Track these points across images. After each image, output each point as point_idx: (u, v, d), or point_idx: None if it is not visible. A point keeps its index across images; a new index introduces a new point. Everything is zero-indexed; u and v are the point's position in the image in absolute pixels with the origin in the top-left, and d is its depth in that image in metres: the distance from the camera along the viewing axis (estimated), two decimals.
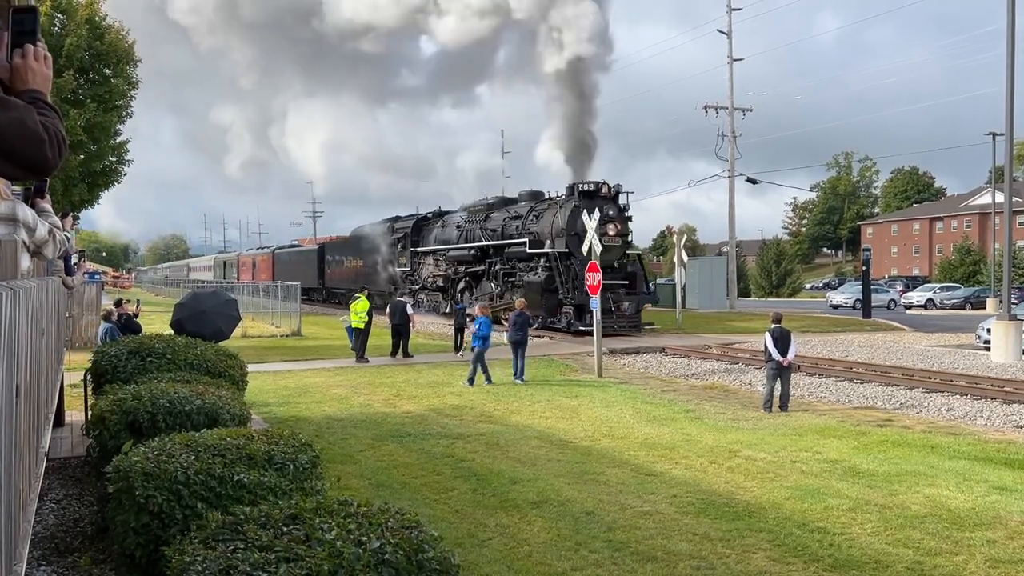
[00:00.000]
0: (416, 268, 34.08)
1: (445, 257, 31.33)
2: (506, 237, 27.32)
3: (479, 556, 6.07)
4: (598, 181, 24.43)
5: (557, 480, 8.19)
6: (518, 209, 27.64)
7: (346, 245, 41.89)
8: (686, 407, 12.56)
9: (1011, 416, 11.50)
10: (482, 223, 29.04)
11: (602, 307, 18.58)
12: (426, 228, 34.00)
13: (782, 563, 5.87)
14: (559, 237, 24.07)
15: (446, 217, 33.11)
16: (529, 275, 25.00)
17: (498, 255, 27.75)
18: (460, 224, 30.76)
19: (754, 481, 8.15)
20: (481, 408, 12.52)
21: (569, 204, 24.26)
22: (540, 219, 25.66)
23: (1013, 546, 6.18)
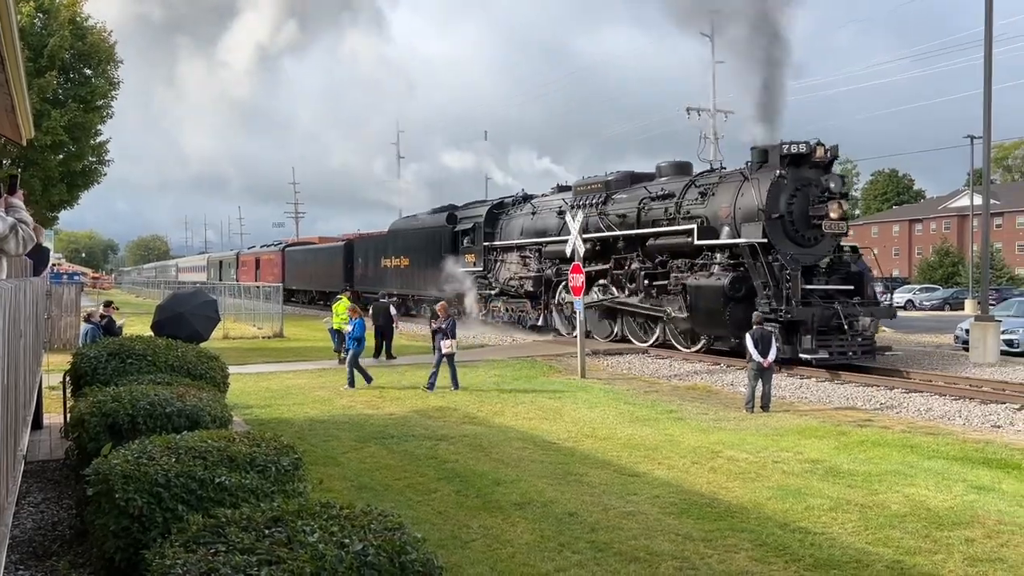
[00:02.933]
0: (491, 268, 27.00)
1: (539, 253, 24.42)
2: (645, 224, 20.38)
3: (462, 558, 6.06)
4: (808, 141, 17.08)
5: (540, 481, 8.20)
6: (665, 185, 20.46)
7: (383, 241, 35.08)
8: (669, 408, 12.61)
9: (989, 416, 11.63)
10: (601, 206, 21.98)
11: (827, 324, 15.72)
12: (504, 217, 26.83)
13: (764, 563, 5.90)
14: (751, 222, 17.09)
15: (536, 202, 25.91)
16: (700, 277, 17.62)
17: (630, 249, 20.86)
18: (562, 210, 23.34)
19: (736, 481, 8.19)
20: (464, 410, 12.51)
21: (767, 175, 17.15)
22: (713, 197, 18.43)
23: (991, 545, 6.25)
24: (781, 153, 17.10)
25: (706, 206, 18.64)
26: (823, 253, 17.41)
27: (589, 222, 21.33)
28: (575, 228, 17.45)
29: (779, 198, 16.92)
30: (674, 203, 19.60)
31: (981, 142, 19.62)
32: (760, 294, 16.13)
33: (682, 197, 19.49)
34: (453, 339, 14.53)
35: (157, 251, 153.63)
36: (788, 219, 16.81)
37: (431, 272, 29.22)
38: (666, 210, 19.82)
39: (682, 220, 19.11)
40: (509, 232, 26.35)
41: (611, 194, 22.03)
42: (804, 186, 16.97)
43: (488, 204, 28.40)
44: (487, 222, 27.26)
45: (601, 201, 22.15)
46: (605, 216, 21.79)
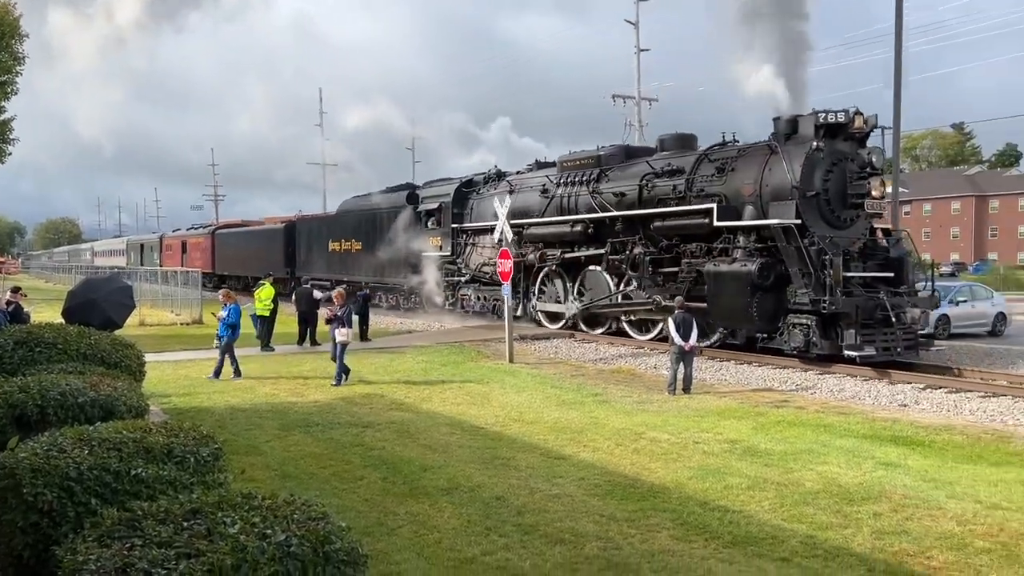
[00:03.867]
0: (460, 252, 24.30)
1: (519, 236, 21.45)
2: (648, 203, 17.79)
3: (389, 545, 6.04)
4: (846, 109, 15.06)
5: (468, 466, 8.22)
6: (672, 160, 17.85)
7: (331, 223, 32.30)
8: (594, 391, 12.79)
9: (896, 396, 12.18)
10: (593, 184, 19.43)
11: (870, 316, 13.88)
12: (475, 196, 23.90)
13: (685, 541, 6.07)
14: (781, 201, 14.87)
15: (513, 180, 22.97)
16: (720, 263, 15.41)
17: (630, 232, 18.28)
18: (547, 188, 20.91)
19: (658, 462, 8.38)
20: (391, 396, 12.43)
21: (800, 147, 14.99)
22: (732, 173, 16.11)
23: (897, 518, 6.56)
24: (816, 122, 14.93)
25: (724, 183, 16.16)
26: (857, 236, 15.27)
27: (579, 201, 19.70)
28: (502, 214, 17.47)
29: (814, 174, 14.81)
30: (684, 180, 17.01)
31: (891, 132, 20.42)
32: (797, 282, 14.11)
33: (694, 173, 16.93)
34: (348, 328, 13.83)
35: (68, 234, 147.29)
36: (823, 197, 14.81)
37: (388, 257, 26.80)
38: (675, 188, 17.18)
39: (694, 199, 16.64)
40: (481, 213, 23.13)
41: (605, 170, 19.42)
42: (840, 160, 14.99)
43: (455, 182, 25.13)
44: (455, 202, 24.34)
45: (593, 178, 19.52)
46: (598, 195, 19.11)
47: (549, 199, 20.77)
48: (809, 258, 14.06)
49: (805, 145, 14.93)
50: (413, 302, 26.54)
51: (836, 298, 13.64)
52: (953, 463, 8.31)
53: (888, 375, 13.34)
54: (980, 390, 12.03)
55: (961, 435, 9.61)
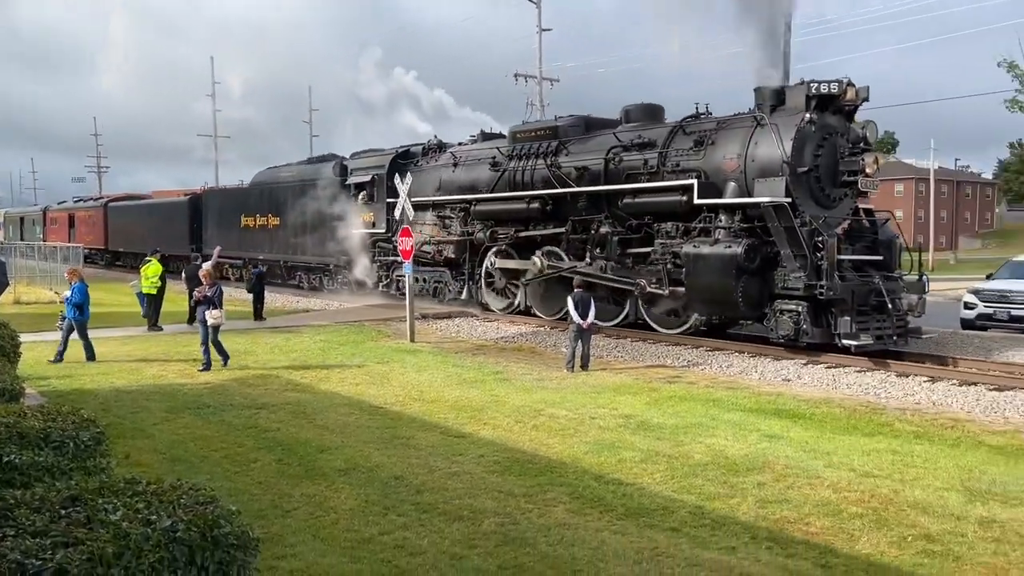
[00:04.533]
0: (397, 230, 21.34)
1: (466, 213, 20.24)
2: (615, 179, 16.45)
3: (284, 527, 5.94)
4: (838, 80, 14.00)
5: (366, 446, 8.15)
6: (643, 133, 16.46)
7: (244, 196, 30.10)
8: (495, 369, 12.89)
9: (780, 371, 12.78)
10: (551, 157, 17.82)
11: (864, 302, 13.05)
12: (414, 169, 21.38)
13: (580, 514, 6.21)
14: (770, 177, 13.82)
15: (457, 152, 21.29)
16: (701, 245, 14.21)
17: (595, 209, 16.93)
18: (497, 161, 19.24)
19: (556, 438, 8.53)
20: (287, 376, 12.17)
21: (789, 119, 13.96)
22: (712, 147, 14.94)
23: (779, 487, 6.91)
24: (808, 93, 13.87)
25: (703, 157, 15.02)
26: (842, 216, 14.36)
27: (535, 176, 18.14)
28: (403, 191, 17.28)
29: (804, 148, 13.82)
30: (657, 154, 15.78)
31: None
32: (791, 265, 13.04)
33: (667, 147, 15.73)
34: (219, 309, 12.94)
35: None
36: (814, 174, 13.89)
37: (313, 234, 25.10)
38: (646, 162, 15.96)
39: (668, 175, 15.45)
40: (421, 187, 21.00)
41: (564, 142, 17.87)
42: (830, 135, 14.08)
43: (390, 153, 23.18)
44: (391, 174, 21.89)
45: (551, 151, 17.91)
46: (557, 169, 17.60)
47: (500, 173, 19.14)
48: (802, 240, 13.07)
49: (796, 117, 13.92)
50: (339, 283, 25.04)
51: (833, 283, 12.73)
52: (831, 434, 8.80)
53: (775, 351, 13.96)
54: (857, 365, 12.75)
55: (839, 408, 10.18)
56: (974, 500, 6.53)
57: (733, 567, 5.25)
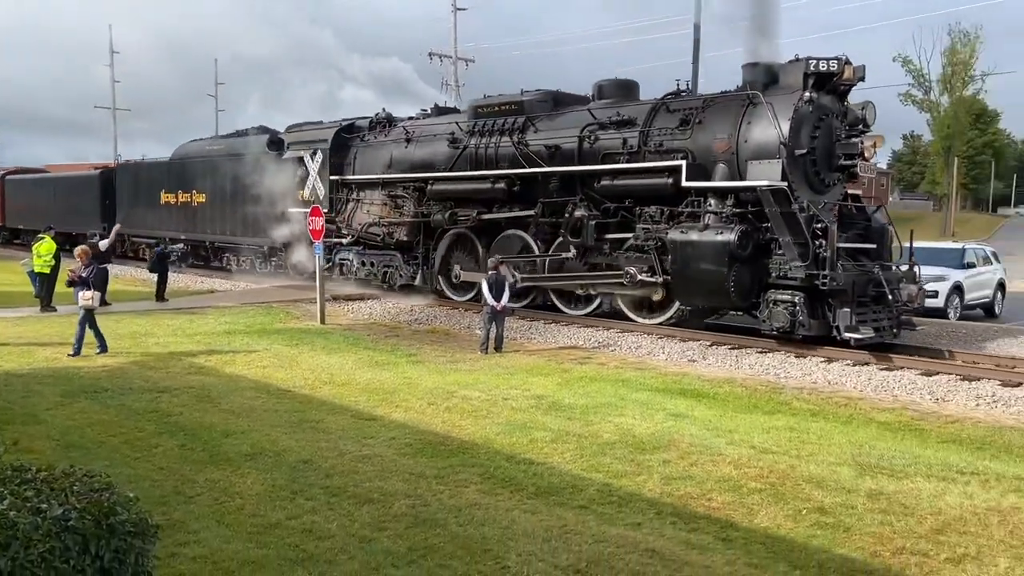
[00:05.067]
0: (341, 210, 20.90)
1: (421, 193, 18.88)
2: (589, 158, 15.47)
3: (186, 513, 5.78)
4: (838, 57, 13.18)
5: (274, 430, 7.99)
6: (621, 110, 15.41)
7: (164, 171, 28.04)
8: (408, 351, 12.81)
9: (686, 352, 13.15)
10: (518, 134, 16.71)
11: (863, 292, 12.44)
12: (360, 144, 20.55)
13: (491, 494, 6.26)
14: (765, 159, 13.10)
15: (410, 126, 19.77)
16: (689, 231, 13.27)
17: (567, 191, 15.95)
18: (456, 137, 17.97)
19: (469, 419, 8.56)
20: (191, 359, 11.79)
21: (786, 98, 13.24)
22: (699, 126, 14.11)
23: (683, 464, 7.12)
24: (806, 70, 13.09)
25: (690, 137, 14.13)
26: (834, 202, 13.76)
27: (499, 154, 16.90)
28: (314, 170, 16.90)
29: (802, 129, 13.10)
30: (637, 133, 14.82)
31: None
32: (790, 253, 12.28)
33: (649, 125, 14.76)
34: (95, 291, 12.27)
35: None
36: (811, 157, 13.20)
37: (243, 213, 23.49)
38: (625, 142, 14.95)
39: (651, 155, 14.54)
40: (368, 164, 20.16)
41: (532, 119, 16.72)
42: (826, 115, 13.39)
43: (333, 127, 21.41)
44: (334, 150, 20.77)
45: (517, 128, 16.77)
46: (525, 147, 16.50)
47: (460, 150, 17.79)
48: (800, 227, 12.35)
49: (792, 96, 13.16)
50: (273, 265, 23.37)
51: (837, 272, 12.09)
52: (733, 413, 9.12)
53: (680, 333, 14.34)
54: (758, 347, 13.23)
55: (741, 387, 10.55)
56: (864, 474, 6.89)
57: (638, 542, 5.39)
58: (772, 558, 5.20)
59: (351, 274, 20.77)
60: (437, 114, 20.05)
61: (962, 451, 7.72)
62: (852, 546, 5.42)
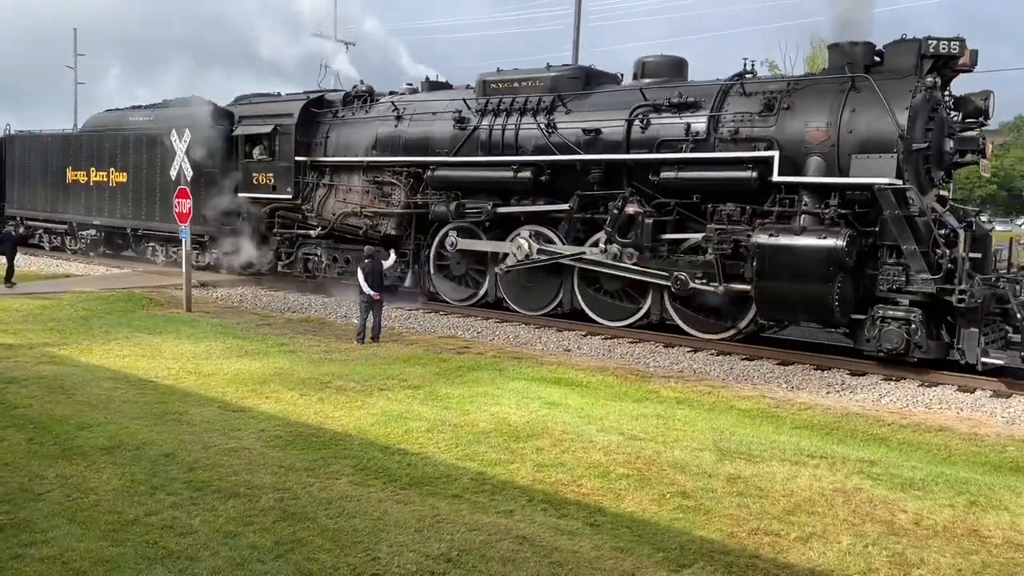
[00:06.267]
0: (309, 197, 18.14)
1: (415, 179, 16.49)
2: (640, 146, 13.42)
3: (34, 511, 5.43)
4: (958, 38, 11.58)
5: (133, 423, 7.60)
6: (686, 91, 13.39)
7: (72, 144, 24.36)
8: (280, 341, 12.45)
9: (561, 342, 13.42)
10: (546, 115, 14.47)
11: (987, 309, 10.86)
12: (334, 121, 17.98)
13: (363, 486, 6.19)
14: (878, 154, 11.36)
15: (402, 102, 17.05)
16: (782, 233, 11.41)
17: (611, 183, 13.79)
18: (464, 117, 15.51)
19: (343, 410, 8.42)
20: (42, 348, 11.04)
21: (902, 84, 11.53)
22: (787, 112, 12.20)
23: (555, 452, 7.27)
24: (924, 51, 11.51)
25: (775, 124, 12.25)
26: (932, 204, 12.10)
27: (521, 137, 14.68)
28: (181, 150, 16.12)
29: (917, 120, 11.44)
30: (705, 118, 12.86)
31: None
32: (917, 264, 10.73)
33: (719, 109, 12.85)
34: None
35: None
36: (925, 152, 11.60)
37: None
38: (689, 127, 12.95)
39: (723, 144, 12.66)
40: (346, 144, 17.52)
41: (563, 97, 14.48)
42: (937, 106, 11.83)
43: (300, 99, 18.71)
44: (302, 126, 18.06)
45: (544, 108, 14.59)
46: (554, 130, 14.34)
47: (468, 131, 15.35)
48: (915, 231, 10.86)
49: (906, 82, 11.52)
50: (213, 257, 20.44)
51: (976, 287, 10.55)
52: (604, 401, 9.38)
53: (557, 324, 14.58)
54: (629, 337, 13.66)
55: (612, 376, 10.85)
56: (724, 459, 7.24)
57: (510, 529, 5.47)
58: (637, 541, 5.39)
59: (319, 272, 18.21)
60: (430, 89, 17.54)
61: (813, 436, 8.24)
62: (711, 528, 5.70)
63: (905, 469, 7.07)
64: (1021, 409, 9.68)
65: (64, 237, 25.26)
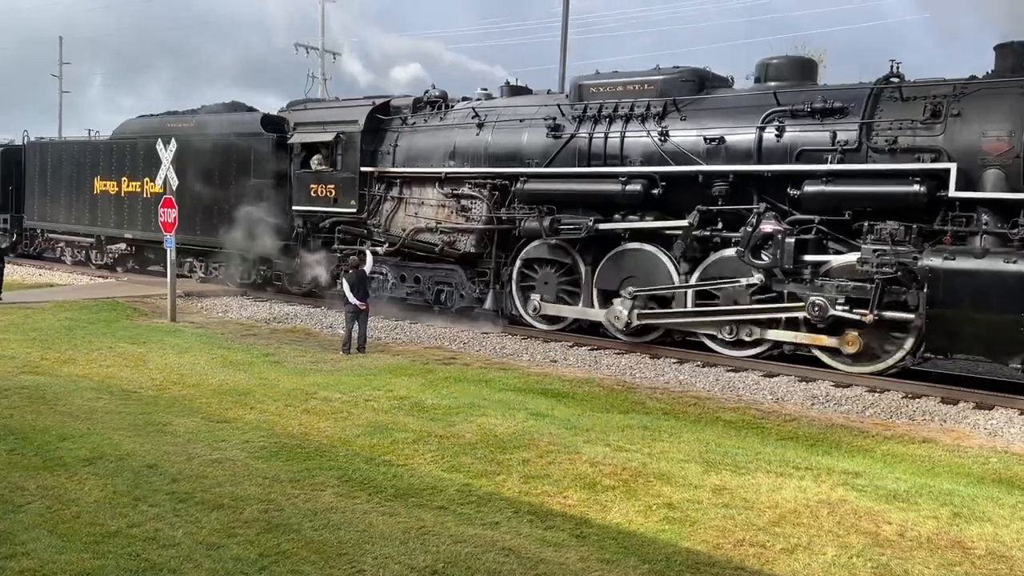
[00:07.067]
0: (375, 210, 16.76)
1: (500, 191, 15.05)
2: (776, 156, 12.19)
3: (14, 523, 5.37)
4: None
5: (116, 434, 7.53)
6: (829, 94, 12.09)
7: (99, 153, 22.69)
8: (265, 351, 12.39)
9: (548, 353, 13.42)
10: (658, 121, 13.24)
11: None
12: (403, 129, 16.56)
13: (348, 497, 6.15)
14: None
15: (482, 108, 15.66)
16: (961, 256, 10.31)
17: (739, 197, 12.48)
18: (558, 124, 14.12)
19: (328, 421, 8.38)
20: (25, 358, 10.94)
21: None
22: (959, 119, 11.08)
23: (542, 463, 7.26)
24: None
25: (943, 133, 11.11)
26: None
27: (628, 146, 13.42)
28: (167, 158, 16.06)
29: None
30: (856, 125, 11.64)
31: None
32: None
33: (870, 116, 11.67)
34: None
35: None
36: None
37: (220, 208, 18.80)
38: (835, 136, 11.69)
39: (877, 155, 11.48)
40: (418, 154, 16.17)
41: (678, 103, 13.26)
42: None
43: (365, 105, 17.28)
44: (368, 134, 16.70)
45: (655, 114, 13.33)
46: (667, 138, 13.10)
47: (563, 140, 14.10)
48: None
49: None
50: (260, 275, 19.04)
51: None
52: (591, 412, 9.38)
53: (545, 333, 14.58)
54: (616, 348, 13.68)
55: (598, 387, 10.87)
56: (710, 470, 7.25)
57: (496, 541, 5.45)
58: (623, 553, 5.38)
59: (383, 291, 16.67)
60: (511, 94, 16.41)
61: (798, 448, 8.27)
62: (697, 539, 5.70)
63: (889, 481, 7.11)
64: (1004, 421, 9.76)
65: (89, 251, 23.75)
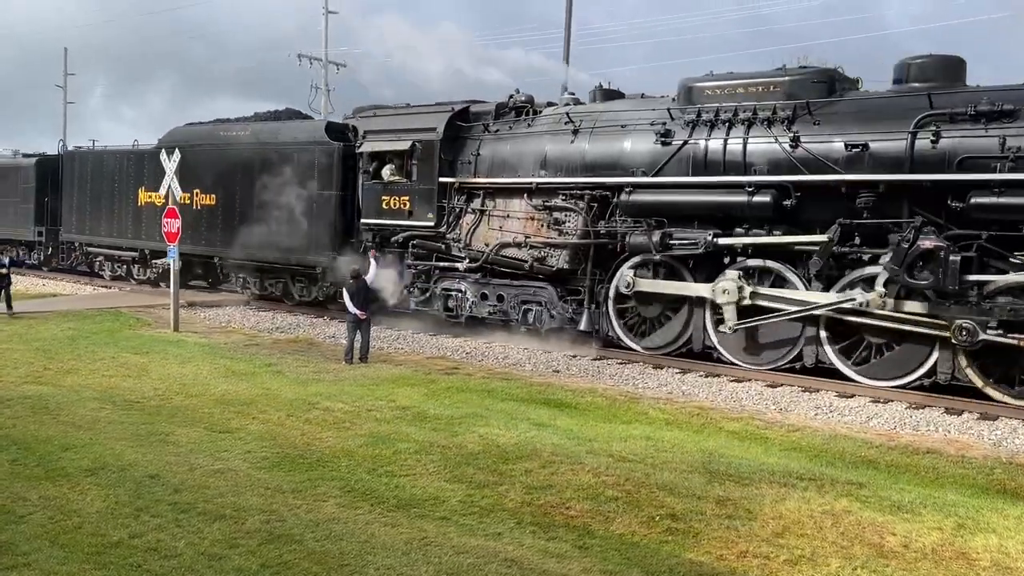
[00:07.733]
0: (454, 224, 15.57)
1: (598, 203, 13.84)
2: (931, 165, 10.96)
3: (16, 534, 5.37)
4: None
5: (118, 444, 7.53)
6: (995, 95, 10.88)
7: (144, 163, 21.27)
8: (268, 361, 12.39)
9: (551, 363, 13.40)
10: (787, 126, 12.09)
11: None
12: (486, 137, 15.40)
13: (351, 508, 6.14)
14: None
15: (577, 114, 14.45)
16: None
17: (885, 211, 11.35)
18: (668, 129, 13.03)
19: (330, 431, 8.37)
20: (27, 368, 10.95)
21: None
22: None
23: (544, 474, 7.23)
24: None
25: None
26: None
27: (750, 153, 12.28)
28: (170, 169, 16.11)
29: None
30: None
31: None
32: None
33: None
34: None
35: None
36: None
37: (279, 221, 17.75)
38: (1004, 142, 10.51)
39: None
40: (503, 163, 15.02)
41: (810, 104, 12.05)
42: None
43: (443, 111, 16.01)
44: (447, 142, 15.54)
45: (783, 118, 12.21)
46: (799, 145, 11.90)
47: (674, 147, 12.97)
48: None
49: None
50: (323, 292, 17.92)
51: None
52: (594, 422, 9.36)
53: None
54: (618, 358, 13.66)
55: (601, 397, 10.84)
56: (713, 481, 7.22)
57: (498, 552, 5.43)
58: (627, 564, 5.36)
59: (462, 311, 15.58)
60: (605, 98, 15.15)
61: (802, 458, 8.24)
62: (700, 550, 5.67)
63: (893, 491, 7.07)
64: (1008, 431, 9.72)
65: (131, 265, 22.73)
